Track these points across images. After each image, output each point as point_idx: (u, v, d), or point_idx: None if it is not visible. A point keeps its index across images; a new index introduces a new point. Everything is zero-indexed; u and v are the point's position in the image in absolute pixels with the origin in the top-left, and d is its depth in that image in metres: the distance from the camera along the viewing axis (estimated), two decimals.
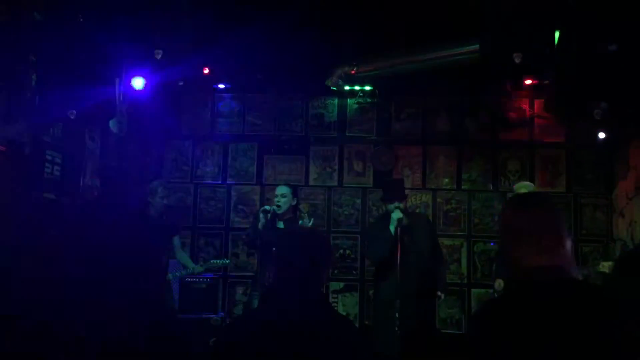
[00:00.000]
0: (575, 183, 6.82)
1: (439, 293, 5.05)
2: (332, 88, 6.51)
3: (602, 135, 6.25)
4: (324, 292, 2.55)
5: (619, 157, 6.57)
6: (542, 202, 1.81)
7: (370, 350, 4.04)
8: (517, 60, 4.36)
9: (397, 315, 4.58)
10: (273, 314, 2.26)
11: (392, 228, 4.68)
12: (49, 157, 4.88)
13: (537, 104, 6.80)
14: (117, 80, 5.27)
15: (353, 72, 5.69)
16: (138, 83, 5.87)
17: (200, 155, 7.13)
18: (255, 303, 4.86)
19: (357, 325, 6.59)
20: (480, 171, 6.92)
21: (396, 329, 4.54)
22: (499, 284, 5.76)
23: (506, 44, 4.35)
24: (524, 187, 5.77)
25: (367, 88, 6.76)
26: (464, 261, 6.82)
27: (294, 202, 5.18)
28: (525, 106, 6.89)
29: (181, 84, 6.71)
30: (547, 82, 5.14)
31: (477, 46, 4.72)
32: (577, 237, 6.66)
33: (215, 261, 6.39)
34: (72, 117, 4.76)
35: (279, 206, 5.02)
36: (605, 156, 6.75)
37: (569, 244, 1.70)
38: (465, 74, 5.93)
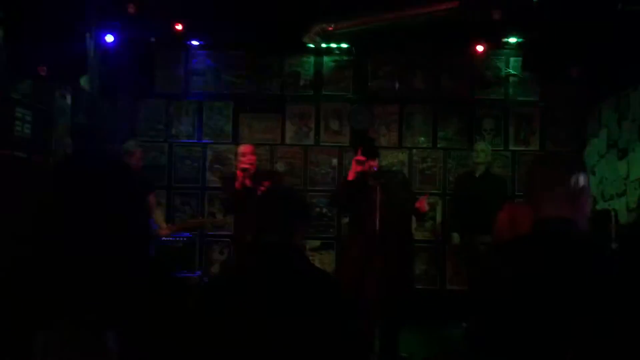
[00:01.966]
0: (548, 141, 6.91)
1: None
2: (309, 45, 6.42)
3: (575, 93, 6.32)
4: (302, 248, 2.58)
5: (591, 116, 6.66)
6: (561, 161, 1.90)
7: (351, 302, 4.10)
8: (496, 17, 4.34)
9: (375, 271, 4.63)
10: (254, 270, 2.27)
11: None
12: (18, 115, 4.73)
13: (513, 62, 6.81)
14: (88, 36, 5.11)
15: (330, 28, 5.61)
16: (110, 39, 5.72)
17: (174, 113, 7.01)
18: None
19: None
20: (456, 129, 6.96)
21: (374, 286, 4.60)
22: (455, 237, 5.96)
23: (486, 1, 4.33)
24: (483, 144, 5.98)
25: (344, 46, 6.68)
26: (438, 219, 6.91)
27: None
28: (501, 64, 6.90)
29: (153, 40, 6.56)
30: (526, 39, 5.15)
31: (457, 1, 4.68)
32: None
33: (191, 220, 6.40)
34: (42, 74, 4.62)
35: (251, 165, 5.01)
36: (578, 115, 6.83)
37: (584, 200, 1.79)
38: (442, 31, 5.90)
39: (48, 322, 1.20)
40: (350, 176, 4.71)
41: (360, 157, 4.66)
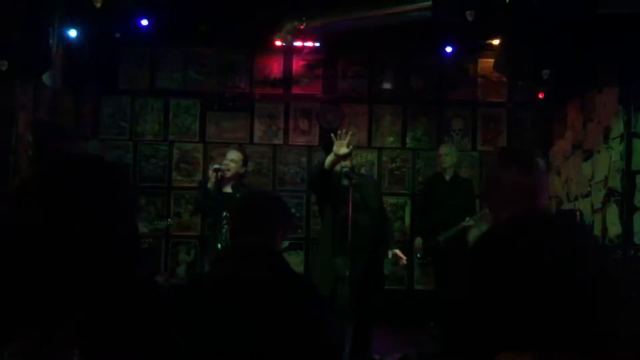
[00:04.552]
0: (515, 141, 6.99)
1: (394, 251, 5.09)
2: (279, 43, 6.34)
3: (542, 95, 6.41)
4: (281, 251, 2.56)
5: (557, 117, 6.77)
6: (532, 159, 1.89)
7: (330, 306, 4.06)
8: (469, 18, 4.34)
9: (347, 273, 4.60)
10: (230, 274, 2.23)
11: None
12: None
13: (481, 63, 6.88)
14: (51, 30, 4.93)
15: (302, 27, 5.55)
16: (73, 33, 5.55)
17: (140, 111, 6.84)
18: (207, 266, 4.78)
19: None
20: (425, 130, 6.98)
21: (347, 285, 4.57)
22: (418, 241, 5.97)
23: (459, 2, 4.33)
24: (447, 148, 5.99)
25: (315, 45, 6.62)
26: (407, 219, 6.92)
27: (243, 170, 4.96)
28: (470, 65, 6.95)
29: (117, 35, 6.38)
30: (498, 41, 5.19)
31: (429, 3, 4.67)
32: None
33: (157, 222, 6.26)
34: (3, 69, 4.43)
35: (228, 170, 4.91)
36: (544, 115, 6.94)
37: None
38: (412, 31, 5.90)
39: (10, 336, 1.10)
40: (329, 164, 4.62)
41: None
